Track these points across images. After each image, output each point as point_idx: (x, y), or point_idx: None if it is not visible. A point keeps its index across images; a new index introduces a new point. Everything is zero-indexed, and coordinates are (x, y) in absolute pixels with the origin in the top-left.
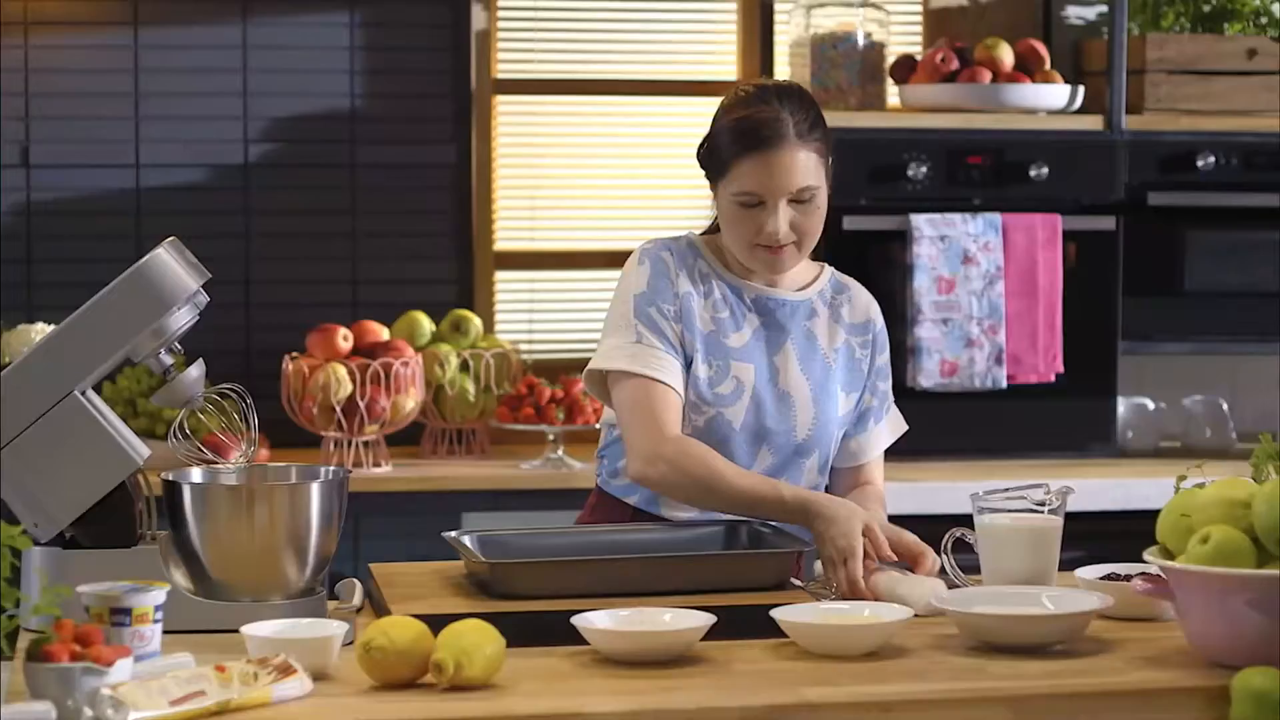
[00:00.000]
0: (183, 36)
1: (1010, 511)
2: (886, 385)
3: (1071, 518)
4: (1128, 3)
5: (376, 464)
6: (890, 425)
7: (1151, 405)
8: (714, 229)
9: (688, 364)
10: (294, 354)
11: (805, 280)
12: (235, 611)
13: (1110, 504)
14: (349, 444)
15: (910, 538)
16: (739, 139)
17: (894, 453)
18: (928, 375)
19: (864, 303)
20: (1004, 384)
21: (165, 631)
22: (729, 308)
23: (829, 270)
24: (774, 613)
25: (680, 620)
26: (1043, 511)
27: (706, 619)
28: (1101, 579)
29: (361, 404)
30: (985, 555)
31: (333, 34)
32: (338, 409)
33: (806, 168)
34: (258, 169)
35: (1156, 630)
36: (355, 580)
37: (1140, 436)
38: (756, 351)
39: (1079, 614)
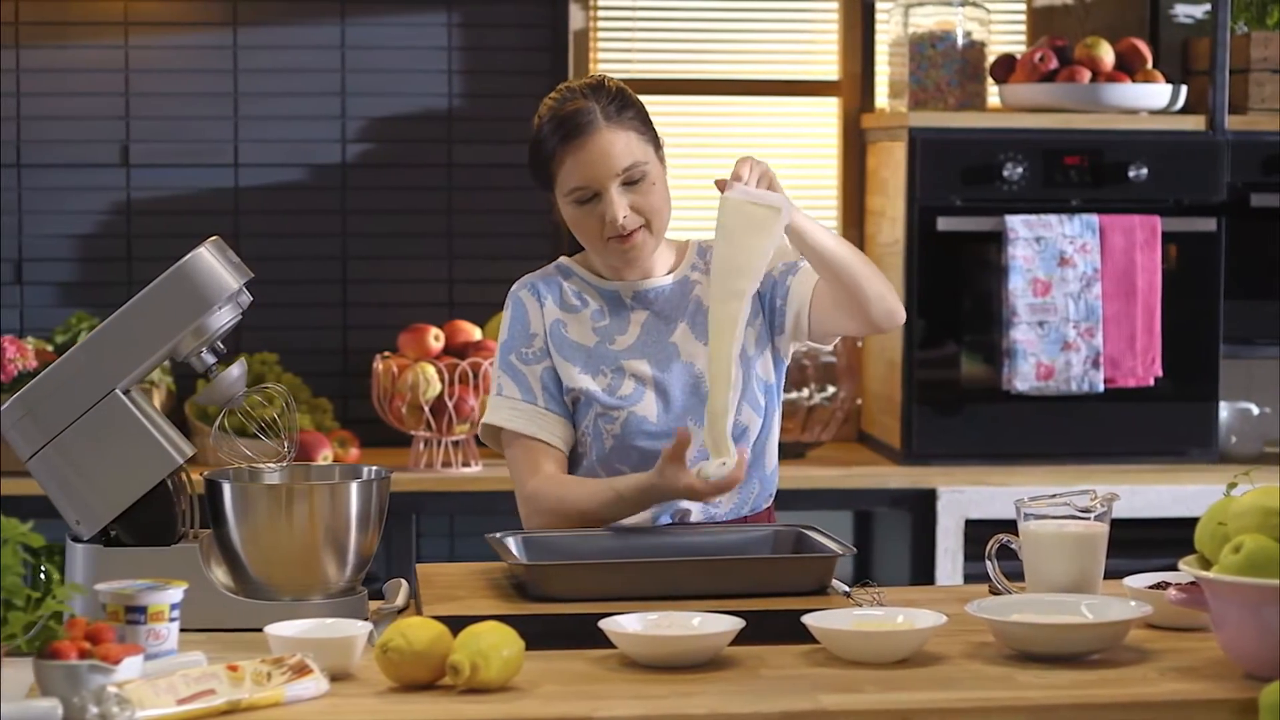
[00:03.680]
0: (281, 37)
1: (1054, 518)
2: (780, 269)
3: (1170, 524)
4: (1232, 1)
5: (466, 463)
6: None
7: (1256, 410)
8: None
9: (568, 392)
10: (386, 353)
11: (675, 261)
12: (275, 610)
13: None
14: (439, 443)
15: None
16: (553, 137)
17: (989, 456)
18: (1023, 379)
19: None
20: (1101, 388)
21: (204, 630)
22: (609, 315)
23: (694, 242)
24: (806, 618)
25: (708, 625)
26: (1088, 518)
27: (735, 624)
28: (1150, 587)
29: (449, 403)
30: (1029, 562)
31: (430, 34)
32: (426, 408)
33: (627, 147)
34: (355, 169)
35: (1200, 640)
36: (402, 580)
37: (1244, 441)
38: (647, 343)
39: (1114, 623)
